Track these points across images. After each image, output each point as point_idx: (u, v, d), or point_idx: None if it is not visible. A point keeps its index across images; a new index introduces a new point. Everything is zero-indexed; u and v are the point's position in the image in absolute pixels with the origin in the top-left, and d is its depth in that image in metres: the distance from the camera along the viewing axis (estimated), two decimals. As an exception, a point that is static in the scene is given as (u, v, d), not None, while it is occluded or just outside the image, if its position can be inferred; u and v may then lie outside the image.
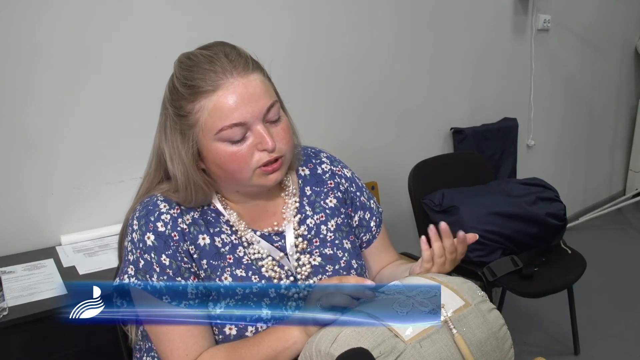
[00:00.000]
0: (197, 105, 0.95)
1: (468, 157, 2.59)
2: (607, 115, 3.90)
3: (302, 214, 1.11)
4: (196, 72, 0.96)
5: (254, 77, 0.96)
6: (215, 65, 0.95)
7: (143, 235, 0.98)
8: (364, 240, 1.20)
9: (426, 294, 0.88)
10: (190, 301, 0.97)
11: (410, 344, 0.81)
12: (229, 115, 0.94)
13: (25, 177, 1.69)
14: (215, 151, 0.97)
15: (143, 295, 0.97)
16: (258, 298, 1.00)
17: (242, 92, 0.94)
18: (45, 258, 1.64)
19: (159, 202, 1.00)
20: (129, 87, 1.82)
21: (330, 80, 2.32)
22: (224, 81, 0.94)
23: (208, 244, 1.01)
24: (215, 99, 0.94)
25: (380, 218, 1.22)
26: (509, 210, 2.12)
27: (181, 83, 0.97)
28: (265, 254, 1.04)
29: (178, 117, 0.98)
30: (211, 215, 1.04)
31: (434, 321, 0.84)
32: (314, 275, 1.07)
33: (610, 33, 3.70)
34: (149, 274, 0.96)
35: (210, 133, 0.96)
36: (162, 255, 0.97)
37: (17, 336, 1.33)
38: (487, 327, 0.88)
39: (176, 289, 0.96)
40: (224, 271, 1.01)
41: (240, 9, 2.02)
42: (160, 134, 1.02)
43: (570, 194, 3.42)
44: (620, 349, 2.38)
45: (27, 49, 1.64)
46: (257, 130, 0.96)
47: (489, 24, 2.91)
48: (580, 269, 2.15)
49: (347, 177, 1.19)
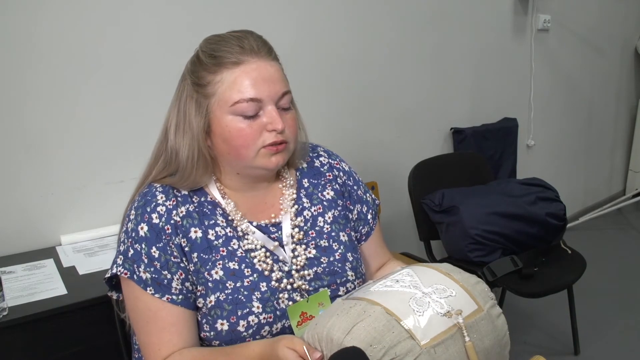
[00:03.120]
0: (217, 77, 1.00)
1: (468, 157, 2.59)
2: (607, 115, 3.91)
3: (299, 205, 1.13)
4: (223, 45, 1.01)
5: (274, 64, 1.03)
6: (243, 43, 1.00)
7: (137, 225, 1.00)
8: (363, 233, 1.20)
9: (442, 292, 0.87)
10: (173, 296, 0.99)
11: (425, 349, 0.81)
12: (247, 90, 0.98)
13: (25, 177, 1.69)
14: (226, 124, 1.00)
15: (129, 284, 1.00)
16: (249, 292, 1.01)
17: (262, 72, 1.00)
18: (45, 258, 1.64)
19: (157, 193, 1.03)
20: (128, 87, 1.82)
21: (330, 80, 2.33)
22: (248, 59, 0.99)
23: (200, 237, 1.02)
24: (237, 73, 0.99)
25: (375, 211, 1.23)
26: (509, 210, 2.12)
27: (206, 54, 1.01)
28: (258, 245, 1.05)
29: (197, 86, 1.01)
30: (207, 207, 1.05)
31: (448, 326, 0.83)
32: (309, 268, 1.08)
33: (610, 33, 3.70)
34: (136, 264, 0.99)
35: (226, 105, 0.99)
36: (152, 247, 0.99)
37: (17, 336, 1.33)
38: (495, 334, 0.88)
39: (161, 282, 0.99)
40: (215, 265, 1.01)
41: (240, 9, 2.02)
42: (173, 108, 1.06)
43: (570, 194, 3.42)
44: (620, 349, 2.38)
45: (27, 49, 1.64)
46: (270, 111, 1.00)
47: (489, 24, 2.91)
48: (580, 269, 2.15)
49: (345, 171, 1.21)
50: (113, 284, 1.08)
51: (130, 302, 1.02)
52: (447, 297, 0.87)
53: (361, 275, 1.14)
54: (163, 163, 1.06)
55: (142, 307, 1.00)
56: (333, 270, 1.09)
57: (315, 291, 1.07)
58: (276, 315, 1.02)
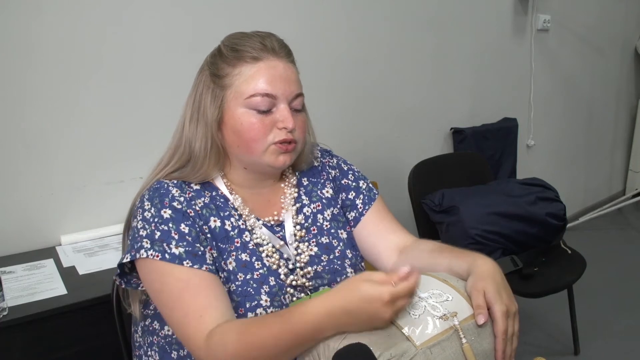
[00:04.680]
0: (236, 69, 1.02)
1: (468, 157, 2.59)
2: (607, 115, 3.91)
3: (299, 203, 1.14)
4: (246, 41, 1.03)
5: (292, 66, 1.06)
6: (265, 41, 1.03)
7: (159, 211, 0.98)
8: (350, 219, 1.18)
9: (438, 297, 0.88)
10: (210, 266, 0.97)
11: (421, 350, 0.81)
12: (263, 85, 1.01)
13: (25, 177, 1.69)
14: (239, 116, 1.02)
15: (153, 267, 0.95)
16: (258, 285, 1.01)
17: (280, 71, 1.03)
18: (45, 258, 1.64)
19: (171, 188, 1.02)
20: (129, 87, 1.82)
21: (330, 80, 2.33)
22: (268, 56, 1.02)
23: (218, 226, 1.03)
24: (256, 69, 1.01)
25: (370, 197, 1.19)
26: (509, 210, 2.12)
27: (228, 48, 1.04)
28: (266, 240, 1.06)
29: (215, 77, 1.04)
30: (220, 200, 1.06)
31: (444, 328, 0.84)
32: (310, 265, 1.08)
33: (610, 33, 3.70)
34: (166, 242, 0.95)
35: (241, 97, 1.01)
36: (181, 224, 0.98)
37: (17, 336, 1.34)
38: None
39: (196, 254, 0.96)
40: (230, 255, 1.02)
41: (240, 9, 2.02)
42: (189, 99, 1.07)
43: (570, 194, 3.42)
44: (620, 349, 2.38)
45: (27, 49, 1.64)
46: (282, 109, 1.02)
47: (489, 24, 2.91)
48: (580, 269, 2.15)
49: (333, 166, 1.22)
50: (120, 274, 1.03)
51: (156, 285, 0.96)
52: (443, 301, 0.87)
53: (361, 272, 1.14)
54: (177, 154, 1.05)
55: (172, 281, 0.94)
56: (333, 268, 1.10)
57: (316, 289, 1.07)
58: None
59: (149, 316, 1.08)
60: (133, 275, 1.03)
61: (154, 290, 0.97)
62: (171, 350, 1.05)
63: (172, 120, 1.11)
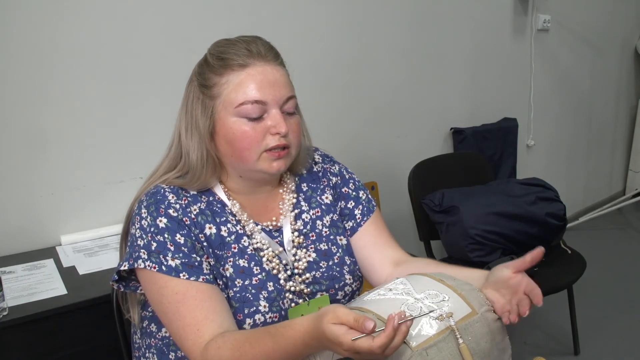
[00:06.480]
0: (224, 78, 1.00)
1: (468, 157, 2.59)
2: (607, 116, 3.90)
3: (298, 209, 1.13)
4: (231, 48, 1.02)
5: (280, 69, 1.04)
6: (251, 46, 1.01)
7: (155, 220, 0.98)
8: (347, 228, 1.18)
9: (434, 297, 0.88)
10: (207, 276, 0.97)
11: (416, 351, 0.81)
12: (252, 92, 0.99)
13: (25, 177, 1.69)
14: (230, 126, 1.00)
15: (151, 278, 0.96)
16: (257, 290, 1.01)
17: (268, 76, 1.00)
18: (45, 258, 1.64)
19: (167, 194, 1.02)
20: (129, 87, 1.82)
21: (329, 80, 2.33)
22: (255, 62, 1.00)
23: (214, 233, 1.02)
24: (243, 76, 1.00)
25: (369, 208, 1.19)
26: (509, 210, 2.12)
27: (214, 57, 1.02)
28: (266, 245, 1.06)
29: (203, 87, 1.02)
30: (217, 206, 1.06)
31: (441, 329, 0.84)
32: (308, 271, 1.08)
33: (610, 33, 3.70)
34: (162, 254, 0.96)
35: (231, 106, 1.00)
36: (176, 234, 0.98)
37: (17, 336, 1.34)
38: (491, 337, 0.88)
39: (192, 265, 0.96)
40: (227, 261, 1.01)
41: (240, 10, 2.02)
42: (182, 110, 1.06)
43: (570, 194, 3.42)
44: (620, 349, 2.38)
45: (27, 50, 1.64)
46: (274, 114, 1.00)
47: (488, 24, 2.91)
48: (580, 269, 2.15)
49: (335, 173, 1.21)
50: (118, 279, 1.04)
51: (155, 296, 0.97)
52: (439, 301, 0.87)
53: (358, 278, 1.14)
54: (179, 165, 1.05)
55: (169, 293, 0.95)
56: (331, 275, 1.10)
57: (314, 294, 1.07)
58: (281, 315, 1.02)
59: (147, 318, 1.08)
60: (132, 278, 1.03)
61: (154, 300, 0.98)
62: (169, 352, 1.05)
63: (172, 120, 1.10)
